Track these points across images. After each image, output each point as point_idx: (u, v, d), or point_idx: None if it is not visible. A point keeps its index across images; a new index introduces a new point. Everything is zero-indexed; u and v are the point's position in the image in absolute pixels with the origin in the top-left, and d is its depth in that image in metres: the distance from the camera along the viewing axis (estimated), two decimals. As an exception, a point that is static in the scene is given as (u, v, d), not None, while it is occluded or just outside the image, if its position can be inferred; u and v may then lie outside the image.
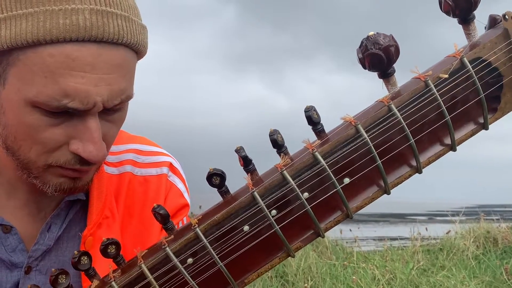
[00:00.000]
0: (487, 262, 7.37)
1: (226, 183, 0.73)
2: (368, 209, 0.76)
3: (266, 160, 0.75)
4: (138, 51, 0.95)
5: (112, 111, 0.93)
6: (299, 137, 0.74)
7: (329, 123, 0.74)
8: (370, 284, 6.13)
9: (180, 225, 1.16)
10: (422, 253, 7.65)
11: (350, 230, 8.99)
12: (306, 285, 6.16)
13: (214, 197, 0.76)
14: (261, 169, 0.75)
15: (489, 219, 9.84)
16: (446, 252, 7.92)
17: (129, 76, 0.92)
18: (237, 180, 0.75)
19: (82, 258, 0.72)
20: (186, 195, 1.20)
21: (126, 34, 0.89)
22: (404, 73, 0.74)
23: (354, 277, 6.12)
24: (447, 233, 8.94)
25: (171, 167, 1.19)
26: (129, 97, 0.94)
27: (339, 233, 8.99)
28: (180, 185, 1.19)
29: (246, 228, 0.72)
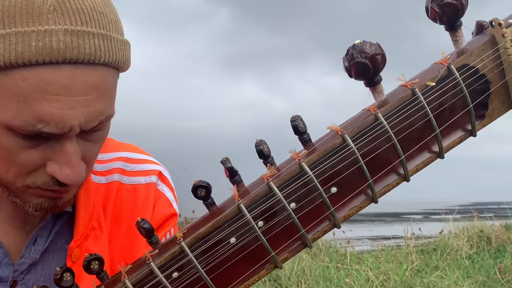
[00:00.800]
0: (481, 261, 7.39)
1: (222, 184, 0.72)
2: (363, 209, 0.75)
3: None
4: (119, 68, 0.91)
5: (92, 131, 0.89)
6: (295, 139, 0.73)
7: (326, 124, 0.73)
8: (364, 285, 6.13)
9: (168, 235, 1.14)
10: (416, 253, 7.67)
11: (343, 232, 9.00)
12: (299, 288, 6.15)
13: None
14: (258, 171, 0.74)
15: (483, 217, 9.88)
16: (440, 252, 7.93)
17: (108, 96, 0.89)
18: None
19: (64, 275, 0.71)
20: (174, 204, 1.18)
21: (103, 54, 0.85)
22: (398, 75, 0.73)
23: (347, 279, 6.12)
24: (440, 232, 8.96)
25: (160, 175, 1.17)
26: (109, 117, 0.91)
27: (332, 234, 8.98)
28: (168, 194, 1.17)
29: (232, 240, 0.71)
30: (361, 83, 0.72)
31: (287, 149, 0.73)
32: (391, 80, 0.73)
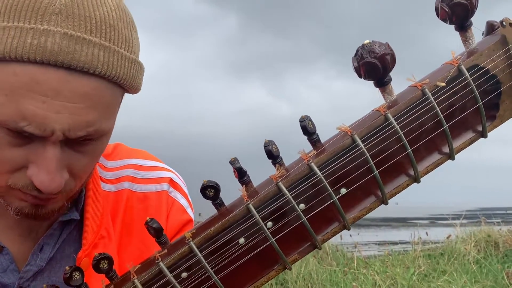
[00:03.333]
0: (488, 266, 7.35)
1: (229, 190, 0.72)
2: (370, 214, 0.75)
3: (269, 167, 0.74)
4: (122, 85, 0.89)
5: (82, 141, 0.87)
6: (301, 144, 0.72)
7: (331, 128, 0.73)
8: (371, 290, 6.10)
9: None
10: (423, 258, 7.64)
11: (350, 236, 8.98)
12: (306, 291, 6.13)
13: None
14: (263, 176, 0.73)
15: (490, 222, 9.84)
16: (447, 257, 7.90)
17: (102, 109, 0.86)
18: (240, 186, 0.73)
19: (74, 274, 0.71)
20: (189, 210, 1.17)
21: (101, 65, 0.83)
22: (402, 79, 0.73)
23: (354, 284, 6.10)
24: (447, 237, 8.93)
25: (171, 182, 1.16)
26: (101, 131, 0.88)
27: (339, 238, 8.97)
28: (182, 201, 1.16)
29: (241, 240, 0.71)
30: (366, 88, 0.72)
31: (292, 153, 0.73)
32: (394, 85, 0.73)
